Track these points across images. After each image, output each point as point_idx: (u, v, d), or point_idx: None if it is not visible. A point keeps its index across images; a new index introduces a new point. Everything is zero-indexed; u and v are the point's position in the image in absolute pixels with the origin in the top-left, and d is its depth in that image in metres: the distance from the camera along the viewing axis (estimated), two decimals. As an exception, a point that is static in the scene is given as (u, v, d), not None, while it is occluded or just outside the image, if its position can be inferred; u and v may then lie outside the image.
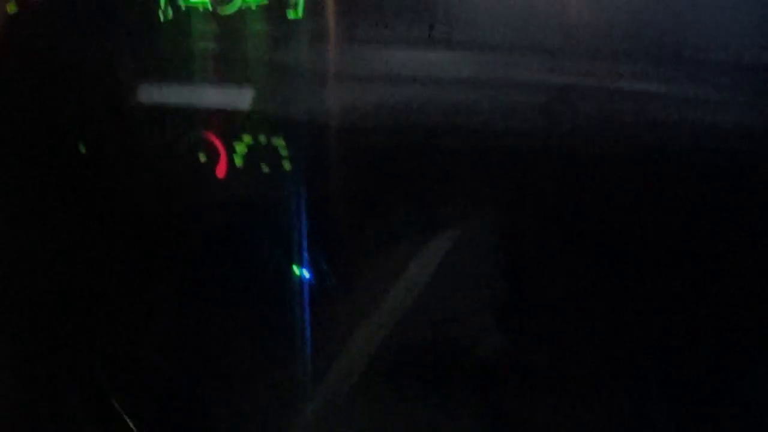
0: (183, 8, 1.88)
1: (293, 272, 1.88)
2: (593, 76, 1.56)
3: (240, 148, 1.76)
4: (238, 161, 1.76)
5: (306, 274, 1.88)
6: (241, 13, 1.81)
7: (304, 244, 1.83)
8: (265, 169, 1.77)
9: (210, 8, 1.83)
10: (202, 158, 1.79)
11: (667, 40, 1.54)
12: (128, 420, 2.02)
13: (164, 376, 2.02)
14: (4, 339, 2.01)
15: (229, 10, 1.80)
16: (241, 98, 1.72)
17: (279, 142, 1.72)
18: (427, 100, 1.62)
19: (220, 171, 1.80)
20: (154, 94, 1.80)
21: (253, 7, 1.80)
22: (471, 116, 1.60)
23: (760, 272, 1.58)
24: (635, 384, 1.70)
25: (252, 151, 1.75)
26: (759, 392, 1.66)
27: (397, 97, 1.65)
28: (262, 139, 1.73)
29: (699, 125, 1.52)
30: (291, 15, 1.78)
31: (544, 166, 1.62)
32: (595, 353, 1.71)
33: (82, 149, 1.92)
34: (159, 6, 1.90)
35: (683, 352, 1.66)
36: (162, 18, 1.89)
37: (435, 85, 1.63)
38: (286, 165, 1.73)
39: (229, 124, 1.75)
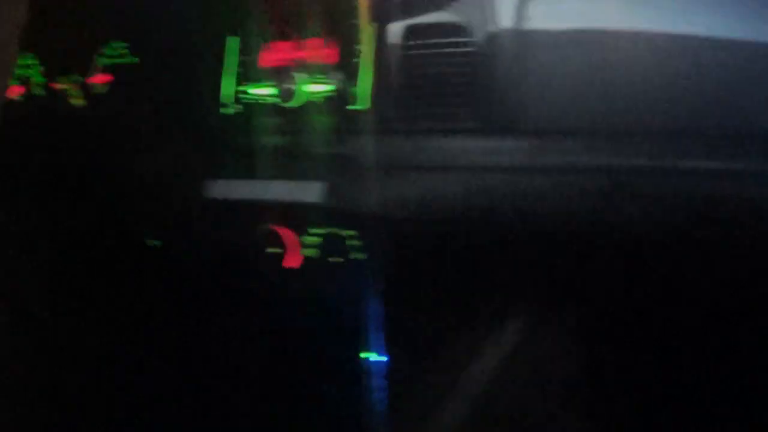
0: (251, 105, 1.91)
1: (365, 358, 1.89)
2: (653, 158, 1.57)
3: (309, 240, 1.78)
4: (308, 253, 1.78)
5: (378, 359, 1.89)
6: (307, 106, 1.84)
7: (376, 331, 1.84)
8: (335, 259, 1.79)
9: (276, 105, 1.86)
10: (272, 251, 1.81)
11: (728, 119, 1.55)
12: None
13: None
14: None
15: (295, 103, 1.82)
16: (308, 191, 1.75)
17: (348, 233, 1.74)
18: (491, 188, 1.64)
19: (290, 263, 1.82)
20: (222, 188, 1.83)
21: (319, 103, 1.83)
22: (537, 203, 1.62)
23: None
24: None
25: (321, 242, 1.77)
26: None
27: (460, 186, 1.67)
28: (331, 230, 1.75)
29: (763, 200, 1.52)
30: (355, 107, 1.81)
31: (609, 252, 1.62)
32: None
33: (154, 243, 1.95)
34: (227, 102, 1.93)
35: None
36: (230, 114, 1.92)
37: (498, 172, 1.64)
38: (356, 255, 1.75)
39: (299, 217, 1.77)
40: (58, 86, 2.24)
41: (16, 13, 1.52)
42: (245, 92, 1.92)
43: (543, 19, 1.66)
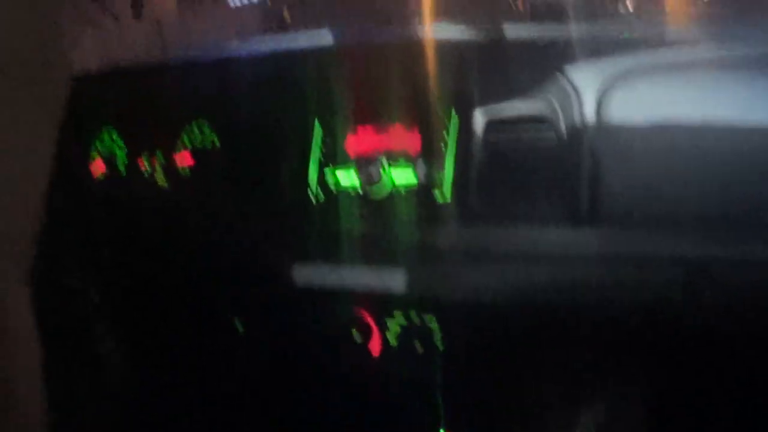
0: (334, 192, 1.95)
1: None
2: (733, 249, 1.58)
3: (393, 327, 1.80)
4: (392, 340, 1.80)
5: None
6: (391, 196, 1.87)
7: (455, 415, 1.85)
8: (419, 347, 1.81)
9: (360, 192, 1.90)
10: (357, 337, 1.83)
11: None
12: None
13: None
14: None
15: (380, 194, 1.86)
16: (392, 279, 1.77)
17: (431, 321, 1.76)
18: (571, 278, 1.66)
19: (374, 349, 1.84)
20: (308, 274, 1.86)
21: (403, 192, 1.86)
22: (617, 293, 1.63)
23: None
24: None
25: (405, 330, 1.79)
26: None
27: (543, 276, 1.69)
28: (415, 318, 1.77)
29: None
30: (439, 198, 1.83)
31: (688, 343, 1.63)
32: None
33: (239, 328, 1.98)
34: (310, 189, 1.97)
35: None
36: (314, 201, 1.96)
37: (579, 263, 1.66)
38: (440, 344, 1.77)
39: (382, 303, 1.79)
40: (142, 166, 2.29)
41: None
42: (330, 178, 1.94)
43: (624, 111, 1.67)
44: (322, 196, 1.94)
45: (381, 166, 1.82)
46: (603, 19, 1.98)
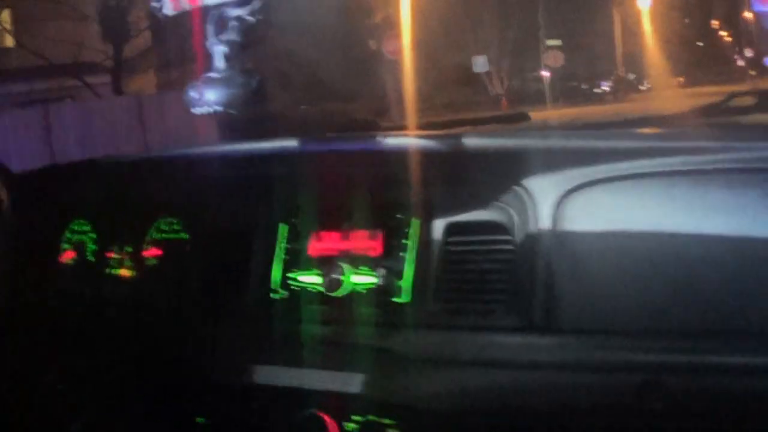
0: (296, 289, 1.99)
1: None
2: (683, 356, 1.63)
3: (350, 427, 1.83)
4: None
5: None
6: (351, 296, 1.91)
7: None
8: None
9: (320, 289, 1.94)
10: None
11: (755, 316, 1.62)
12: None
13: None
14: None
15: (340, 293, 1.90)
16: (350, 381, 1.80)
17: (388, 422, 1.79)
18: (526, 385, 1.69)
19: None
20: (266, 373, 1.89)
21: (362, 290, 1.91)
22: (571, 400, 1.67)
23: None
24: None
25: (362, 430, 1.82)
26: None
27: (497, 382, 1.72)
28: (372, 418, 1.80)
29: None
30: (397, 299, 1.88)
31: None
32: None
33: (200, 420, 2.00)
34: (273, 288, 2.02)
35: None
36: (276, 299, 2.01)
37: (534, 369, 1.70)
38: None
39: (342, 406, 1.82)
40: (110, 255, 2.33)
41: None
42: (292, 279, 1.98)
43: (579, 219, 1.72)
44: (285, 295, 1.97)
45: (343, 268, 1.86)
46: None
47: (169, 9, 1.75)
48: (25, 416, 2.19)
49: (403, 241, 1.88)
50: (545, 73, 33.34)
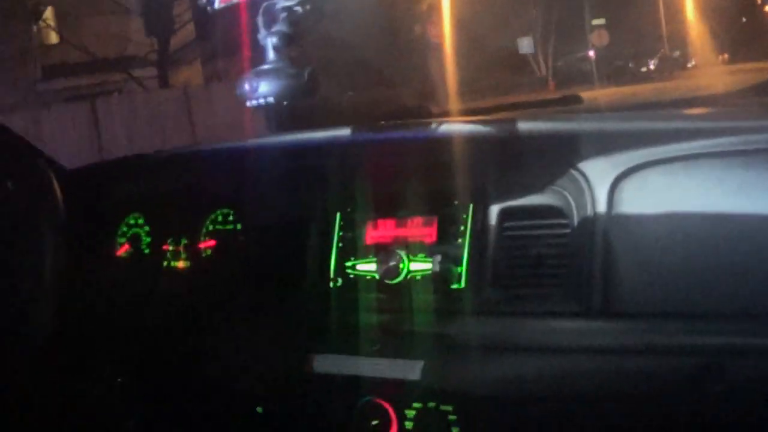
0: (352, 278, 2.00)
1: None
2: (745, 340, 1.61)
3: (409, 414, 1.83)
4: (408, 427, 1.83)
5: None
6: (407, 282, 1.91)
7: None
8: None
9: (377, 277, 1.94)
10: (373, 423, 1.86)
11: None
12: None
13: None
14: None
15: (396, 280, 1.90)
16: (408, 368, 1.80)
17: (446, 409, 1.79)
18: (585, 370, 1.69)
19: None
20: (324, 362, 1.90)
21: (418, 278, 1.91)
22: (629, 384, 1.66)
23: None
24: None
25: (421, 417, 1.82)
26: None
27: (555, 367, 1.71)
28: (431, 405, 1.80)
29: None
30: (454, 285, 1.88)
31: None
32: None
33: (259, 410, 2.01)
34: (330, 277, 2.02)
35: None
36: (332, 287, 2.01)
37: (593, 354, 1.69)
38: (455, 431, 1.79)
39: (398, 392, 1.82)
40: (166, 248, 2.35)
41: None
42: (348, 268, 1.99)
43: (636, 202, 1.71)
44: (341, 284, 1.98)
45: (399, 255, 1.86)
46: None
47: (218, 3, 1.75)
48: (83, 411, 2.21)
49: (459, 227, 1.88)
50: (591, 53, 33.08)
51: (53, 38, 22.15)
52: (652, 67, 35.05)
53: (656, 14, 37.66)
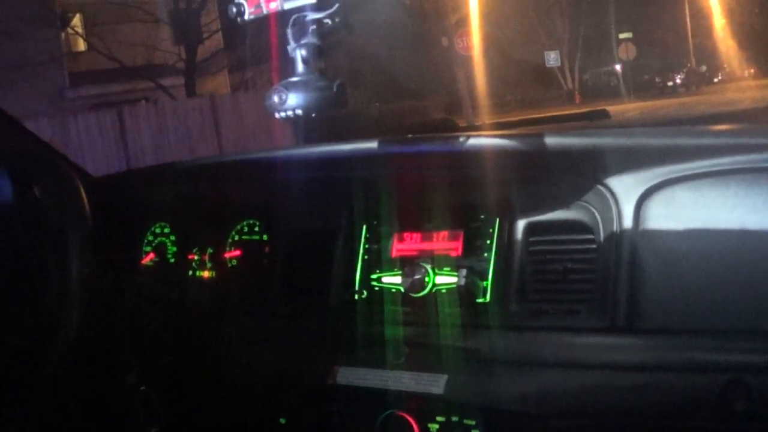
0: (378, 290, 2.00)
1: None
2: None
3: (433, 427, 1.83)
4: None
5: None
6: (432, 296, 1.91)
7: None
8: None
9: (402, 290, 1.94)
10: None
11: None
12: None
13: None
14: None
15: (422, 293, 1.90)
16: (433, 382, 1.80)
17: (470, 423, 1.79)
18: (609, 386, 1.68)
19: None
20: (350, 374, 1.90)
21: (443, 291, 1.91)
22: (654, 400, 1.65)
23: None
24: None
25: (444, 431, 1.82)
26: None
27: (579, 383, 1.71)
28: (455, 419, 1.80)
29: None
30: (479, 299, 1.88)
31: None
32: None
33: (282, 420, 2.01)
34: (355, 287, 2.02)
35: None
36: (357, 299, 2.01)
37: (617, 370, 1.68)
38: None
39: (422, 405, 1.82)
40: (191, 257, 2.36)
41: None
42: (374, 280, 1.99)
43: (662, 218, 1.70)
44: (366, 296, 1.98)
45: (425, 273, 1.86)
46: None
47: (248, 14, 1.76)
48: (107, 418, 2.22)
49: (485, 241, 1.88)
50: (618, 67, 33.04)
51: (81, 45, 22.29)
52: (678, 81, 34.93)
53: (683, 29, 37.61)
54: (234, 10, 1.77)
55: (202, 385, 2.14)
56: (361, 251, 2.01)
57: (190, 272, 2.31)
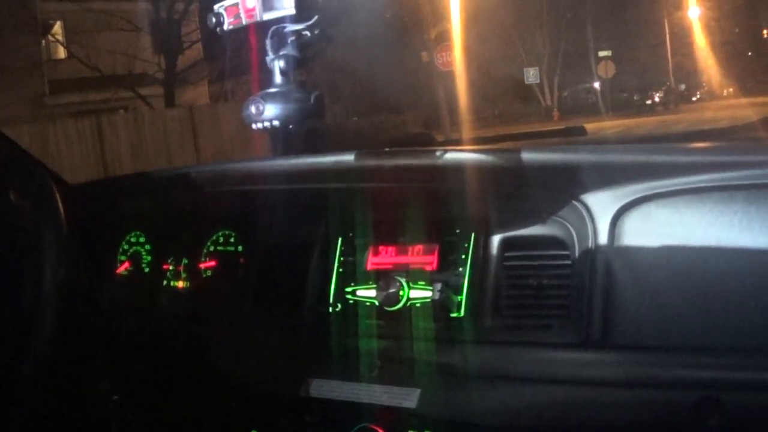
0: (352, 303, 2.00)
1: None
2: (743, 374, 1.61)
3: None
4: None
5: None
6: (407, 310, 1.91)
7: None
8: None
9: (377, 304, 1.94)
10: None
11: None
12: None
13: None
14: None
15: (396, 307, 1.90)
16: (406, 396, 1.80)
17: None
18: (583, 401, 1.68)
19: None
20: (322, 386, 1.90)
21: (418, 305, 1.91)
22: (624, 416, 1.66)
23: None
24: None
25: None
26: None
27: (553, 398, 1.71)
28: None
29: None
30: (453, 314, 1.88)
31: None
32: None
33: (255, 432, 2.01)
34: (329, 299, 2.02)
35: None
36: (331, 312, 2.01)
37: (591, 386, 1.69)
38: None
39: (395, 419, 1.82)
40: (166, 267, 2.35)
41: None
42: (348, 293, 1.99)
43: (638, 234, 1.70)
44: (340, 307, 1.98)
45: (399, 286, 1.86)
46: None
47: (227, 24, 1.76)
48: (78, 427, 2.21)
49: (461, 255, 1.88)
50: (596, 84, 33.24)
51: (62, 53, 22.24)
52: (657, 99, 35.18)
53: (663, 47, 37.89)
54: (213, 20, 1.77)
55: (174, 396, 2.13)
56: (336, 264, 2.01)
57: (165, 282, 2.30)
